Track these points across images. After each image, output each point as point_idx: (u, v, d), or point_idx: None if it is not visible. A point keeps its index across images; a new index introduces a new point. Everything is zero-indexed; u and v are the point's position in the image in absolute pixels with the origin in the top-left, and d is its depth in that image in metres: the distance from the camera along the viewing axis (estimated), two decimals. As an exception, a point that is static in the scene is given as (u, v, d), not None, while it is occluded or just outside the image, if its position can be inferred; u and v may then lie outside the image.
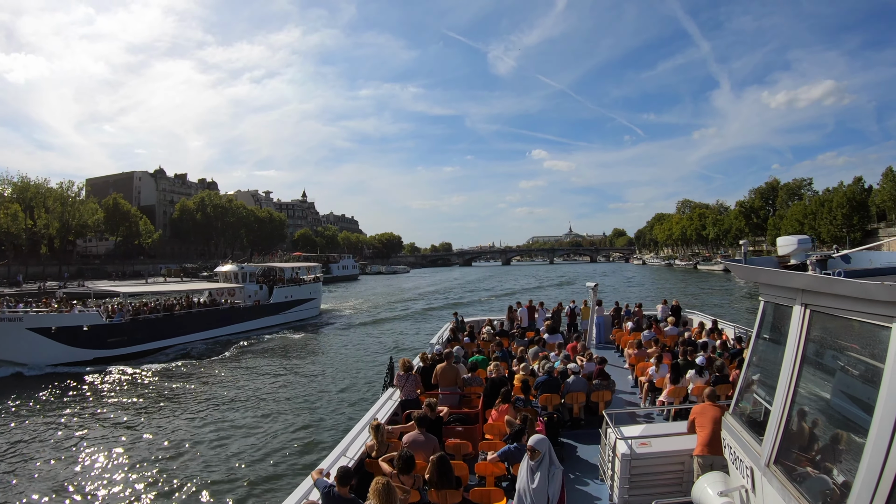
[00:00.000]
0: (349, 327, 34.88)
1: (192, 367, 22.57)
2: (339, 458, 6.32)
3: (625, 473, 5.80)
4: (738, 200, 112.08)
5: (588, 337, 15.05)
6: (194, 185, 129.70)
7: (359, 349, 26.39)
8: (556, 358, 10.57)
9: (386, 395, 9.47)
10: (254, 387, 18.55)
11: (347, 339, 30.17)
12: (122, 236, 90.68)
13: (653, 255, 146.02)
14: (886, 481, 2.66)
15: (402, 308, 46.03)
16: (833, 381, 3.69)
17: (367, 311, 44.16)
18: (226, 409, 15.88)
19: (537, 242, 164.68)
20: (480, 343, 13.04)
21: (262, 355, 25.07)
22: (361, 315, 41.65)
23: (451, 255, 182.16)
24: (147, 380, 20.12)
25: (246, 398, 17.02)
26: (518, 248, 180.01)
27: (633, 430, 6.32)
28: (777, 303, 4.34)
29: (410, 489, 5.17)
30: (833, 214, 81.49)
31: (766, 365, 4.64)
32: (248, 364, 22.87)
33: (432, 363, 9.93)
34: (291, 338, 30.36)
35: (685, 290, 56.04)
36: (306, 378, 19.91)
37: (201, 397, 17.31)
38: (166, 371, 21.71)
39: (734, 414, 4.96)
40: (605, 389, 9.15)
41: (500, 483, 6.33)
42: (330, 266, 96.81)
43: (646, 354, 11.42)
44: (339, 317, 41.08)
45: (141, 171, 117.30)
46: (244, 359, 24.18)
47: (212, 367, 22.46)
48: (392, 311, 43.70)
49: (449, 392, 8.93)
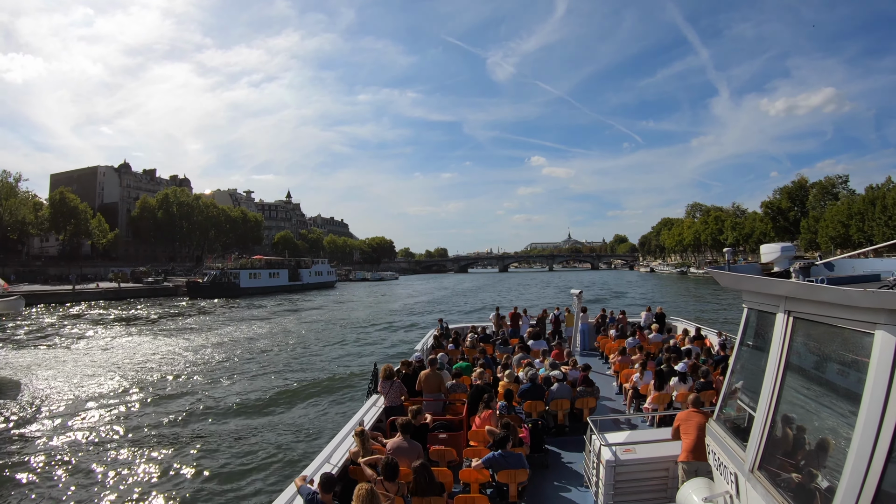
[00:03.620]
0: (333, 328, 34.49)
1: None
2: (323, 464, 6.22)
3: (609, 480, 5.80)
4: (764, 201, 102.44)
5: (573, 344, 15.12)
6: (164, 182, 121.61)
7: (342, 353, 26.12)
8: (541, 365, 10.59)
9: (370, 401, 9.36)
10: (232, 390, 18.22)
11: (330, 340, 29.86)
12: (68, 235, 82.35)
13: (661, 262, 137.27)
14: (870, 486, 2.68)
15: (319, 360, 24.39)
16: (816, 387, 3.73)
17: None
18: (202, 414, 15.56)
19: (535, 249, 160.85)
20: (465, 349, 12.99)
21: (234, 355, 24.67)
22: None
23: (446, 261, 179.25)
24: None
25: (223, 402, 16.70)
26: (516, 254, 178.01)
27: (618, 437, 6.32)
28: (760, 310, 4.38)
29: (394, 496, 5.10)
30: (889, 214, 70.66)
31: (750, 372, 4.68)
32: (227, 367, 22.48)
33: (416, 370, 9.86)
34: (271, 337, 29.95)
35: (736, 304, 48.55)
36: (287, 382, 19.63)
37: (183, 398, 16.95)
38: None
39: (718, 420, 4.99)
40: (590, 396, 9.16)
41: (485, 490, 6.28)
42: (300, 272, 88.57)
43: (630, 361, 11.47)
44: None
45: (105, 166, 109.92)
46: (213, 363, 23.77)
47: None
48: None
49: (433, 399, 8.87)
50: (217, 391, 18.50)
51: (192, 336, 32.02)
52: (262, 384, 19.57)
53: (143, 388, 18.58)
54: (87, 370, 21.65)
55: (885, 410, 2.67)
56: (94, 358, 24.52)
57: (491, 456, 6.11)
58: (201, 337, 31.62)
